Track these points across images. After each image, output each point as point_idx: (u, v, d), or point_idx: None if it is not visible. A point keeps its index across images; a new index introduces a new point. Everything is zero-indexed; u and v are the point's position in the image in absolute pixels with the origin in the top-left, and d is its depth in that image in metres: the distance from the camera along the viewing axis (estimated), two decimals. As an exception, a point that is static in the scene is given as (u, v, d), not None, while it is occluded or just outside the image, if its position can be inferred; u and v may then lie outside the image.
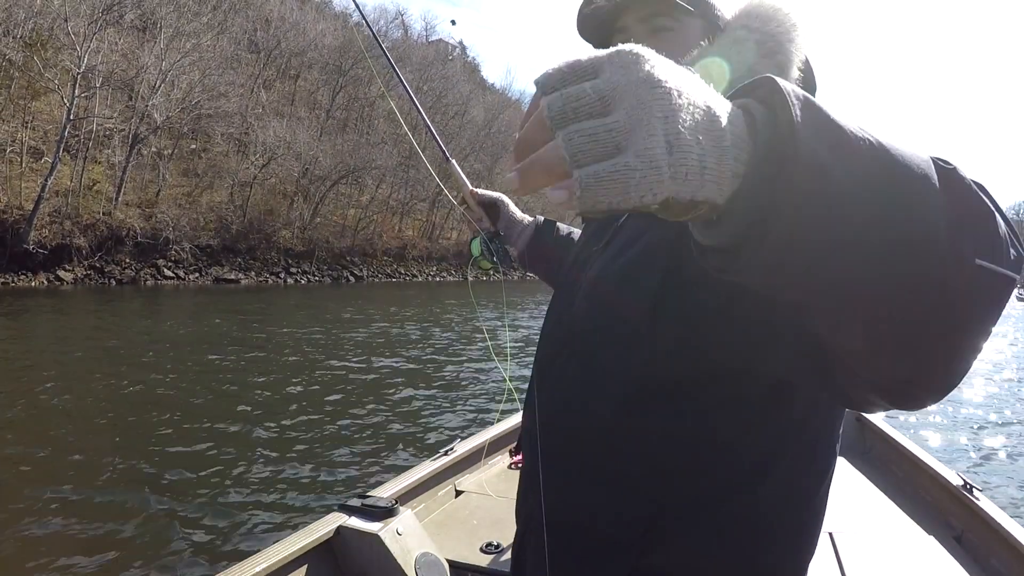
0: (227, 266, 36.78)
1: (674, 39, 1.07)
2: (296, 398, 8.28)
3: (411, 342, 14.08)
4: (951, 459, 6.66)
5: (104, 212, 32.01)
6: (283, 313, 20.17)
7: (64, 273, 28.90)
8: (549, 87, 0.43)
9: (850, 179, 0.45)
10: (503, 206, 1.55)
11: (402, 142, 51.97)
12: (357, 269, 45.04)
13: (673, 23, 1.07)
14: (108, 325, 15.53)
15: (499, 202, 1.55)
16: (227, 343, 12.86)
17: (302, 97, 51.59)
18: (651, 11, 1.07)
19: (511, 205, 1.57)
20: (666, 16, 1.07)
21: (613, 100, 0.42)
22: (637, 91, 0.42)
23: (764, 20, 1.01)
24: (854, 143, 0.46)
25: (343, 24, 59.06)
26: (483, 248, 1.51)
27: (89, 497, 4.82)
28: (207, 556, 4.03)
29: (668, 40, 1.07)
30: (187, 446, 6.08)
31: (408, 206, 52.91)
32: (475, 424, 7.09)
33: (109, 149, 34.17)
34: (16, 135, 31.35)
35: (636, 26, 1.10)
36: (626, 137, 0.41)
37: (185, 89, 36.38)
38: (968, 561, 2.47)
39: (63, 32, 31.40)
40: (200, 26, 39.04)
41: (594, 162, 0.41)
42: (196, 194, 38.21)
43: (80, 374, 9.33)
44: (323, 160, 43.91)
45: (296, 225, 42.17)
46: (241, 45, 45.36)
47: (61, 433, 6.37)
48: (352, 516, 2.38)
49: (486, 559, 2.47)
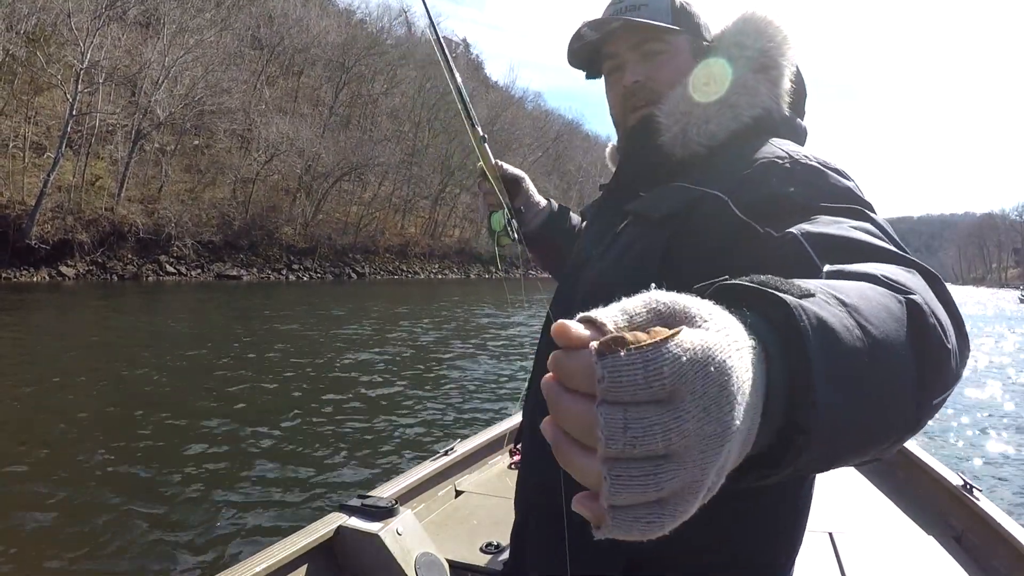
0: (229, 262, 36.85)
1: (668, 61, 1.12)
2: (296, 397, 8.28)
3: (412, 341, 14.07)
4: (951, 459, 6.65)
5: (106, 208, 32.07)
6: (284, 310, 20.16)
7: (66, 268, 28.98)
8: (613, 393, 0.36)
9: (852, 410, 0.48)
10: (524, 183, 1.56)
11: (404, 139, 52.02)
12: (359, 266, 45.13)
13: (664, 46, 1.11)
14: (109, 321, 15.55)
15: (522, 180, 1.56)
16: (228, 340, 12.86)
17: (305, 94, 51.65)
18: (640, 38, 1.12)
19: (531, 184, 1.58)
20: (656, 40, 1.11)
21: (676, 450, 0.37)
22: (705, 446, 0.37)
23: (755, 36, 1.07)
24: (857, 373, 0.48)
25: (346, 21, 59.10)
26: (506, 223, 1.49)
27: (87, 495, 4.82)
28: (207, 556, 4.03)
29: (662, 63, 1.12)
30: (186, 444, 6.08)
31: (410, 203, 52.99)
32: (476, 424, 7.09)
33: (112, 145, 34.26)
34: (19, 130, 31.44)
35: (627, 53, 1.14)
36: (673, 482, 0.37)
37: (188, 85, 36.43)
38: (968, 561, 2.47)
39: (66, 27, 31.45)
40: (203, 22, 39.10)
41: (632, 503, 0.37)
42: (198, 190, 38.26)
43: (80, 370, 9.34)
44: (326, 157, 43.98)
45: (298, 222, 42.25)
46: (244, 41, 45.42)
47: (58, 429, 6.37)
48: (352, 516, 2.38)
49: (486, 559, 2.47)
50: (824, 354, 0.46)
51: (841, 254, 0.70)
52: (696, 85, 1.07)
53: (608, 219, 1.16)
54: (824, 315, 0.48)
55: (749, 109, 1.04)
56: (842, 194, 0.87)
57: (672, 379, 0.35)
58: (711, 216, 0.93)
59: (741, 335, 0.41)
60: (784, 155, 0.94)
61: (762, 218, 0.87)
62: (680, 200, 0.98)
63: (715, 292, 0.51)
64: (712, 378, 0.36)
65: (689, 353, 0.36)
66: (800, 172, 0.91)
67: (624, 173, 1.20)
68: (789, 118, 1.10)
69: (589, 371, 0.36)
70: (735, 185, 0.93)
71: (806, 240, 0.76)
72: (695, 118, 1.05)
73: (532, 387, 1.26)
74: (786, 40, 1.07)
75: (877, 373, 0.50)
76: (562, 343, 0.38)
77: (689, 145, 1.05)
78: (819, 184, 0.89)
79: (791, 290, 0.49)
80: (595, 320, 0.39)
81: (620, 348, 0.36)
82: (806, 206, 0.84)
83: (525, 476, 1.23)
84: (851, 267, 0.64)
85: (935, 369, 0.55)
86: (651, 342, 0.36)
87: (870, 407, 0.50)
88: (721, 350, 0.38)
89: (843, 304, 0.50)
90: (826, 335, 0.47)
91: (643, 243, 1.00)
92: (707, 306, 0.41)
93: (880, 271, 0.60)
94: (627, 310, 0.40)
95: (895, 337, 0.52)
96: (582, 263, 1.17)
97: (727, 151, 1.02)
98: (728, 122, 1.04)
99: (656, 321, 0.39)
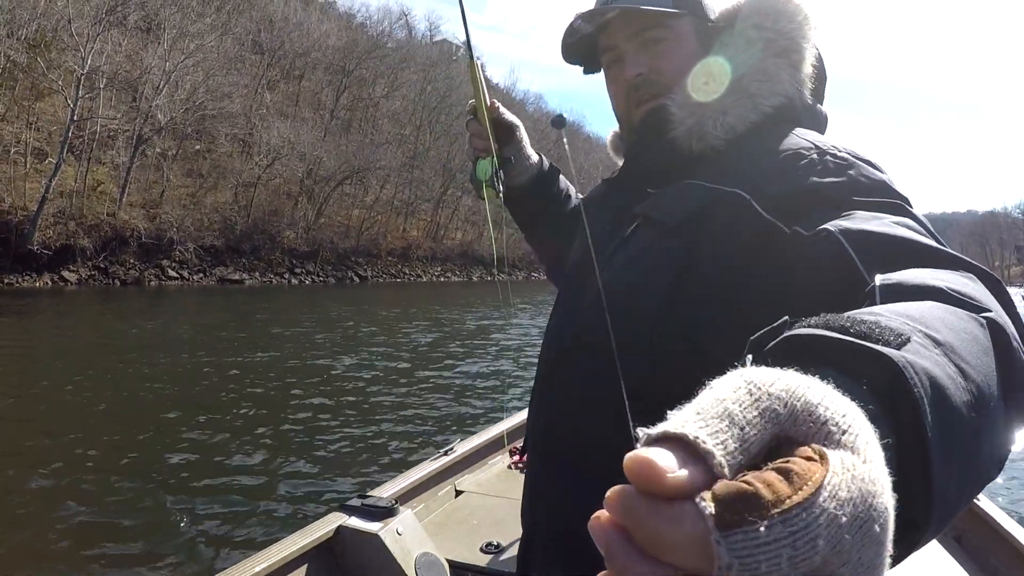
0: (231, 266, 36.89)
1: (671, 49, 1.01)
2: (296, 397, 8.29)
3: (413, 342, 14.08)
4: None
5: (108, 213, 32.12)
6: (286, 313, 20.18)
7: (68, 274, 29.03)
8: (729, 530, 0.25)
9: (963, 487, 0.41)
10: (518, 132, 1.38)
11: (406, 142, 52.04)
12: (361, 269, 45.15)
13: (665, 32, 1.01)
14: (111, 325, 15.56)
15: (517, 128, 1.37)
16: (228, 343, 12.88)
17: (306, 98, 51.69)
18: (638, 26, 1.02)
19: (525, 136, 1.40)
20: (655, 27, 1.01)
21: None
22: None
23: (775, 16, 0.96)
24: (969, 441, 0.41)
25: (347, 24, 59.17)
26: (493, 173, 1.31)
27: (88, 497, 4.83)
28: (207, 556, 4.03)
29: (666, 51, 1.01)
30: (187, 446, 6.09)
31: (412, 206, 52.99)
32: (476, 424, 7.09)
33: (113, 150, 34.32)
34: (20, 136, 31.49)
35: (625, 44, 1.04)
36: None
37: (189, 90, 36.48)
38: (968, 561, 2.47)
39: (67, 33, 31.53)
40: (204, 27, 39.14)
41: None
42: (200, 195, 38.30)
43: (81, 375, 9.35)
44: (327, 160, 44.02)
45: (300, 226, 42.27)
46: (245, 46, 45.47)
47: (61, 432, 6.37)
48: (352, 516, 2.39)
49: (486, 559, 2.47)
50: (939, 427, 0.37)
51: (887, 256, 0.63)
52: (695, 85, 0.98)
53: (613, 218, 1.07)
54: (931, 369, 0.39)
55: (770, 98, 0.94)
56: (877, 188, 0.80)
57: (826, 552, 0.25)
58: (732, 218, 0.85)
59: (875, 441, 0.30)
60: (810, 146, 0.86)
61: (789, 216, 0.79)
62: (697, 202, 0.90)
63: (782, 346, 0.41)
64: (872, 539, 0.27)
65: (847, 507, 0.26)
66: (829, 164, 0.83)
67: (631, 169, 1.10)
68: (811, 106, 1.00)
69: (702, 549, 0.25)
70: (757, 181, 0.85)
71: (845, 238, 0.67)
72: (711, 109, 0.95)
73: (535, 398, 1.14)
74: (807, 19, 0.96)
75: (982, 430, 0.42)
76: (645, 486, 0.26)
77: (706, 139, 0.95)
78: (851, 177, 0.81)
79: (886, 337, 0.39)
80: (694, 445, 0.27)
81: (755, 517, 0.25)
82: (838, 201, 0.77)
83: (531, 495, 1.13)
84: (909, 278, 0.55)
85: (1021, 403, 0.48)
86: (797, 501, 0.25)
87: (977, 474, 0.43)
88: (878, 490, 0.27)
89: (937, 344, 0.41)
90: (937, 398, 0.38)
91: (656, 250, 0.92)
92: (832, 398, 0.30)
93: (944, 282, 0.52)
94: (737, 420, 0.28)
95: (989, 375, 0.44)
96: (585, 267, 1.05)
97: (746, 144, 0.93)
98: (747, 113, 0.94)
99: (773, 432, 0.28)
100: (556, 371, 1.03)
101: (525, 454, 1.41)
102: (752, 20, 0.97)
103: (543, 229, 1.43)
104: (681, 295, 0.87)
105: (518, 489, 1.18)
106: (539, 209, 1.41)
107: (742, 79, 0.95)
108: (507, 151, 1.36)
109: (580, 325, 1.01)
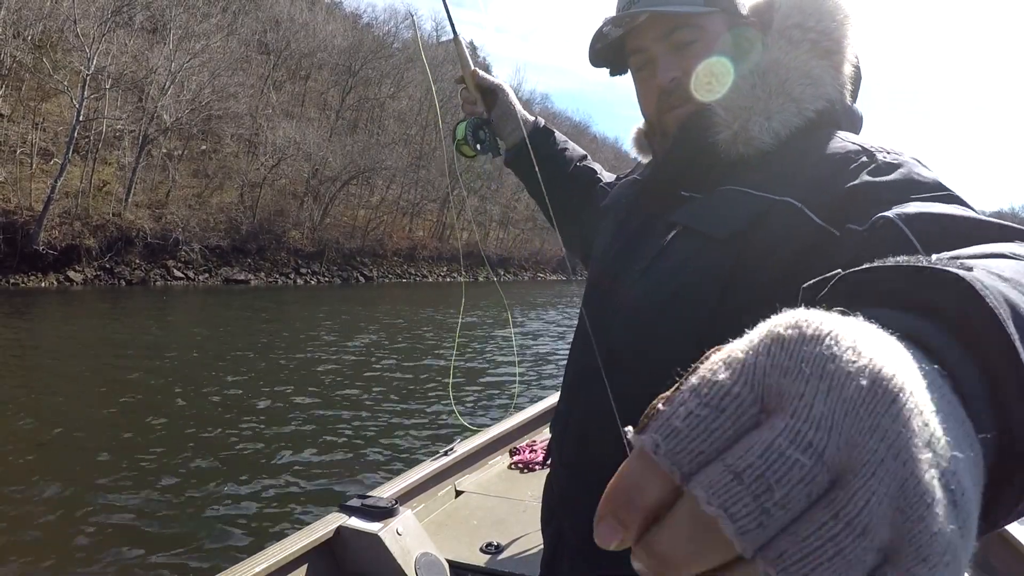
0: (237, 267, 36.92)
1: (703, 51, 0.97)
2: (296, 398, 8.30)
3: (414, 342, 14.10)
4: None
5: (114, 213, 32.19)
6: (291, 314, 20.22)
7: (74, 274, 29.08)
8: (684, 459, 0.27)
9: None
10: (502, 94, 1.44)
11: (412, 142, 52.05)
12: (367, 270, 45.14)
13: (696, 33, 0.97)
14: (116, 326, 15.61)
15: (499, 89, 1.44)
16: (233, 343, 12.92)
17: (312, 98, 51.74)
18: (668, 27, 0.98)
19: (511, 95, 1.45)
20: (685, 27, 0.97)
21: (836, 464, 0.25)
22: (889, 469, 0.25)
23: (818, 16, 0.93)
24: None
25: (353, 24, 59.21)
26: (468, 133, 1.41)
27: (89, 497, 4.85)
28: (207, 556, 4.05)
29: (698, 53, 0.97)
30: (188, 446, 6.11)
31: (418, 207, 52.97)
32: (476, 425, 7.10)
33: (119, 150, 34.39)
34: (26, 136, 31.58)
35: (655, 46, 1.00)
36: None
37: (195, 90, 36.50)
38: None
39: (73, 34, 31.59)
40: (210, 27, 39.20)
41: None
42: (206, 195, 38.39)
43: (86, 374, 9.39)
44: (333, 161, 44.02)
45: (306, 226, 42.30)
46: (251, 46, 45.53)
47: (64, 432, 6.40)
48: (352, 516, 2.39)
49: (486, 559, 2.47)
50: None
51: (949, 236, 0.59)
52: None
53: (644, 224, 1.05)
54: (1005, 291, 0.35)
55: (813, 102, 0.92)
56: (931, 186, 0.76)
57: (757, 393, 0.28)
58: (785, 229, 0.82)
59: None
60: (858, 149, 0.84)
61: (841, 219, 0.77)
62: (746, 213, 0.87)
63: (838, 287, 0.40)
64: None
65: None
66: (881, 165, 0.80)
67: (664, 172, 1.06)
68: (849, 107, 0.98)
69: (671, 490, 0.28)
70: (806, 188, 0.83)
71: (903, 223, 0.64)
72: (756, 114, 0.92)
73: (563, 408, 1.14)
74: (848, 18, 0.93)
75: None
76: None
77: (752, 143, 0.92)
78: (904, 175, 0.78)
79: (947, 264, 0.36)
80: None
81: None
82: (896, 200, 0.73)
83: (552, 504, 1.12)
84: (968, 251, 0.50)
85: None
86: None
87: None
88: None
89: (1004, 279, 0.37)
90: (1017, 317, 0.33)
91: (701, 263, 0.89)
92: None
93: (1007, 249, 0.48)
94: None
95: None
96: (617, 273, 1.04)
97: (790, 149, 0.91)
98: (791, 118, 0.92)
99: None
100: (588, 382, 1.02)
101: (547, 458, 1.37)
102: (793, 19, 0.94)
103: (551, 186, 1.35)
104: (726, 307, 0.86)
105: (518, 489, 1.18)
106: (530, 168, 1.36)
107: (786, 82, 0.92)
108: (493, 114, 1.45)
109: (615, 337, 0.99)
